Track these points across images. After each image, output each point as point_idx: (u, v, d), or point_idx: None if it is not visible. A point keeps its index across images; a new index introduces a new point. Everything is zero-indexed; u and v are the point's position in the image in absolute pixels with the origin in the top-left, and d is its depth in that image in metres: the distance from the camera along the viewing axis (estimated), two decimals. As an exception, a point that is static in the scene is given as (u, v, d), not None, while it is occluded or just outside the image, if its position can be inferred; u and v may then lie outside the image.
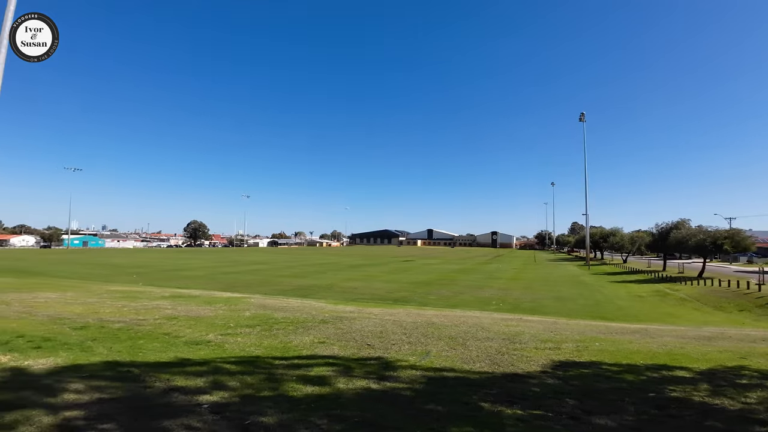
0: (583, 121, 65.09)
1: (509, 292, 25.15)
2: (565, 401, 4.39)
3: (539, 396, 4.56)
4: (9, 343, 6.49)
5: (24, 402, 3.90)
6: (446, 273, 38.36)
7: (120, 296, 14.46)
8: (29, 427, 3.32)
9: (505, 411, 4.01)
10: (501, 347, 7.08)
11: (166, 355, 6.22)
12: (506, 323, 10.21)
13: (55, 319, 9.09)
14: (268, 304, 13.31)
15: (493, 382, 5.06)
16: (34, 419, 3.49)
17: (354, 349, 6.72)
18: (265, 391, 4.47)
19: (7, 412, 3.63)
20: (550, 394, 4.64)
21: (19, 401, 3.92)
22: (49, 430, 3.30)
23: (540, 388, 4.86)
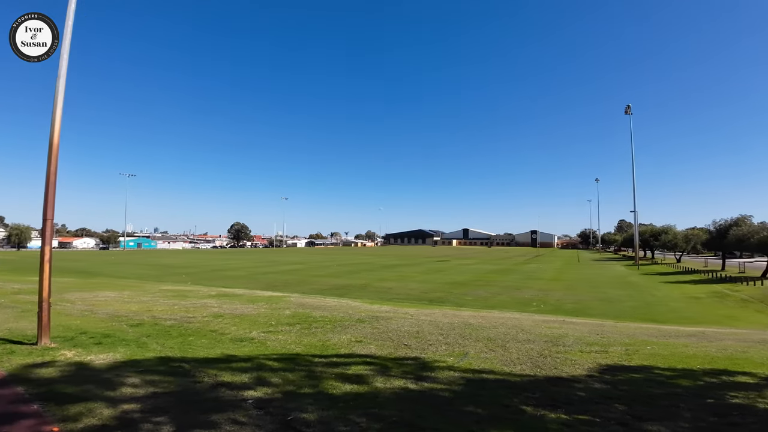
0: (629, 114, 61.62)
1: (550, 293, 24.26)
2: (614, 406, 4.18)
3: (585, 400, 4.37)
4: (74, 339, 7.08)
5: (87, 395, 4.23)
6: (483, 273, 37.59)
7: (171, 295, 15.35)
8: (92, 419, 3.60)
9: (549, 415, 3.88)
10: (543, 350, 6.85)
11: (213, 351, 6.54)
12: (548, 325, 9.87)
13: (114, 317, 9.79)
14: (307, 303, 13.64)
15: (535, 385, 4.91)
16: (96, 412, 3.78)
17: (391, 349, 6.75)
18: (306, 388, 4.59)
19: (72, 404, 3.95)
20: (597, 398, 4.44)
21: (83, 394, 4.26)
22: (110, 422, 3.56)
23: (586, 393, 4.66)
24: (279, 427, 3.50)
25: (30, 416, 3.66)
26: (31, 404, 3.96)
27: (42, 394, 4.23)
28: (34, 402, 4.02)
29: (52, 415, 3.69)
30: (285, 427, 3.50)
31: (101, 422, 3.54)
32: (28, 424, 3.49)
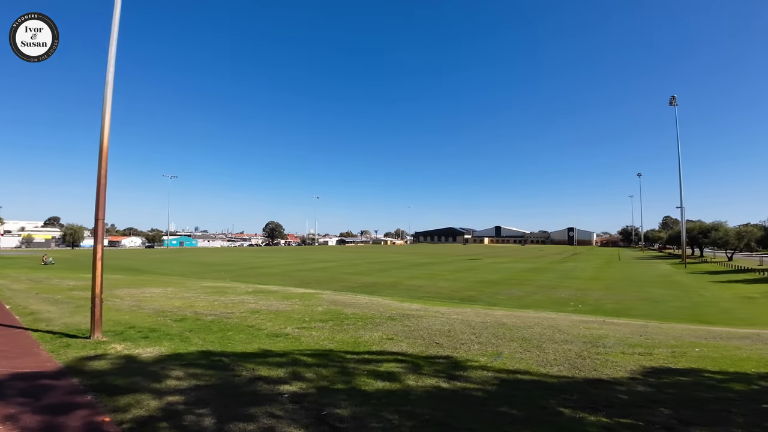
0: (674, 105, 58.02)
1: (589, 292, 23.33)
2: (659, 410, 3.98)
3: (627, 404, 4.18)
4: (123, 334, 7.53)
5: (135, 387, 4.49)
6: (516, 272, 36.69)
7: (211, 291, 16.02)
8: (139, 411, 3.81)
9: (588, 418, 3.75)
10: (581, 351, 6.62)
11: (250, 346, 6.77)
12: (586, 326, 9.51)
13: (159, 312, 10.34)
14: (338, 300, 13.84)
15: (573, 387, 4.75)
16: (143, 403, 4.01)
17: (422, 347, 6.74)
18: (339, 384, 4.66)
19: (122, 396, 4.20)
20: (640, 402, 4.24)
21: (132, 386, 4.53)
22: (156, 413, 3.77)
23: (628, 396, 4.46)
24: (313, 422, 3.58)
25: (84, 407, 3.93)
26: (85, 395, 4.25)
27: (95, 386, 4.53)
28: (87, 393, 4.31)
29: (104, 405, 3.95)
30: (319, 422, 3.57)
31: (148, 413, 3.75)
32: (83, 414, 3.75)
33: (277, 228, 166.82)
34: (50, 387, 4.53)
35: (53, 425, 3.48)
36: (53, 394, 4.28)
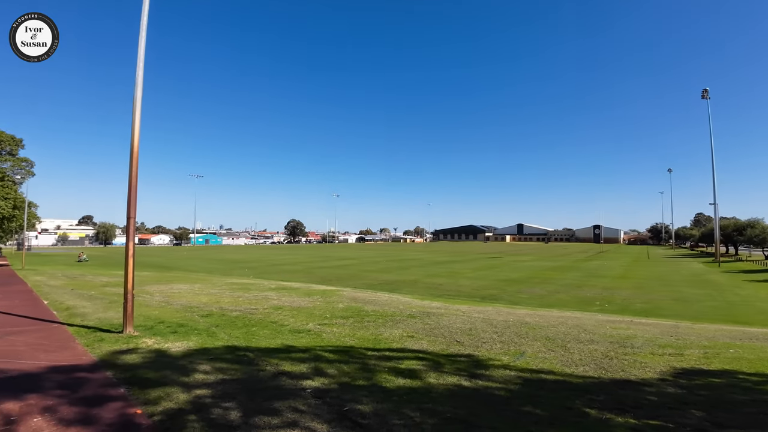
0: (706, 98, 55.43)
1: (616, 291, 22.65)
2: (690, 412, 3.84)
3: (657, 405, 4.06)
4: (153, 328, 7.82)
5: (165, 380, 4.66)
6: (539, 270, 35.97)
7: (236, 288, 16.41)
8: (169, 403, 3.96)
9: (616, 419, 3.65)
10: (608, 351, 6.44)
11: (274, 341, 6.91)
12: (613, 326, 9.24)
13: (187, 308, 10.67)
14: (359, 297, 13.93)
15: (599, 387, 4.63)
16: (173, 396, 4.15)
17: (443, 345, 6.71)
18: (360, 380, 4.70)
19: (153, 389, 4.37)
20: (670, 403, 4.10)
21: (162, 379, 4.70)
22: (185, 406, 3.90)
23: (658, 397, 4.32)
24: (336, 417, 3.63)
25: (117, 399, 4.11)
26: (118, 388, 4.44)
27: (127, 379, 4.73)
28: (120, 386, 4.50)
29: (136, 398, 4.11)
30: (342, 418, 3.62)
31: (177, 406, 3.88)
32: (116, 406, 3.92)
33: (299, 226, 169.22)
34: (85, 380, 4.76)
35: (89, 417, 3.65)
36: (88, 387, 4.49)
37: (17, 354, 5.93)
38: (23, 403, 3.92)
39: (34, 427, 3.41)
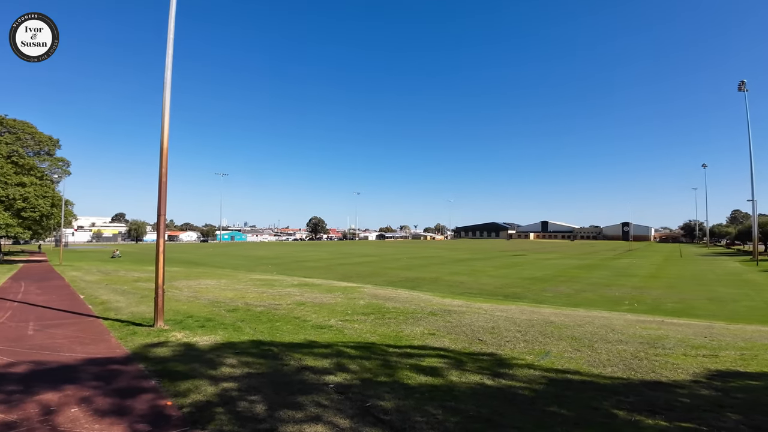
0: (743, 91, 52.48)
1: (646, 291, 21.87)
2: (726, 415, 3.68)
3: (690, 407, 3.90)
4: (182, 323, 8.08)
5: (194, 373, 4.81)
6: (565, 269, 35.11)
7: (260, 284, 16.76)
8: (198, 396, 4.08)
9: (646, 421, 3.54)
10: (638, 351, 6.23)
11: (297, 336, 7.02)
12: (643, 326, 8.93)
13: (214, 303, 10.98)
14: (380, 294, 13.97)
15: (628, 388, 4.49)
16: (201, 389, 4.28)
17: (465, 343, 6.65)
18: (382, 377, 4.72)
19: (182, 381, 4.52)
20: (704, 406, 3.93)
21: (191, 372, 4.85)
22: (213, 398, 4.01)
23: (691, 399, 4.15)
24: (358, 413, 3.66)
25: (149, 391, 4.27)
26: (150, 380, 4.61)
27: (158, 372, 4.91)
28: (152, 378, 4.68)
29: (166, 390, 4.26)
30: (364, 413, 3.65)
31: (206, 399, 4.01)
32: (148, 398, 4.07)
33: (320, 223, 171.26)
34: (119, 372, 4.96)
35: (122, 408, 3.81)
36: (122, 379, 4.69)
37: (56, 346, 6.25)
38: (61, 394, 4.12)
39: (72, 417, 3.58)
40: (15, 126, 34.44)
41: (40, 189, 32.14)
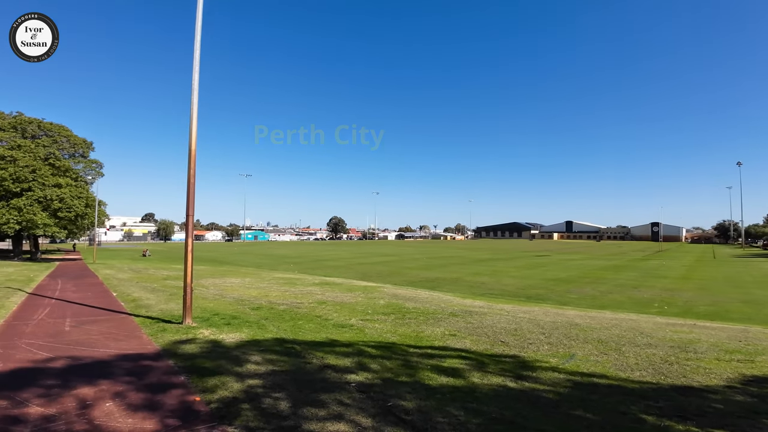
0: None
1: (677, 293, 21.06)
2: (762, 422, 3.54)
3: (723, 414, 3.76)
4: (209, 320, 8.32)
5: (221, 370, 4.96)
6: (591, 270, 34.18)
7: (282, 282, 17.07)
8: (224, 392, 4.20)
9: (676, 426, 3.43)
10: (668, 355, 6.03)
11: (319, 335, 7.13)
12: (674, 329, 8.62)
13: (239, 301, 11.26)
14: (399, 294, 13.98)
15: (658, 393, 4.36)
16: (227, 385, 4.41)
17: (486, 345, 6.59)
18: (403, 377, 4.74)
19: (210, 377, 4.66)
20: (739, 412, 3.78)
21: (218, 369, 5.00)
22: (239, 395, 4.12)
23: (724, 405, 3.99)
24: (380, 412, 3.70)
25: (178, 386, 4.42)
26: (179, 376, 4.78)
27: (187, 368, 5.08)
28: (181, 374, 4.84)
29: (195, 386, 4.41)
30: (386, 413, 3.68)
31: (232, 395, 4.12)
32: (177, 393, 4.22)
33: (340, 223, 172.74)
34: (150, 368, 5.16)
35: (153, 403, 3.96)
36: (153, 374, 4.87)
37: (91, 342, 6.55)
38: (97, 389, 4.32)
39: (106, 411, 3.74)
40: (52, 129, 36.19)
41: (75, 190, 33.67)
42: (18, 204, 30.27)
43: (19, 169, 30.57)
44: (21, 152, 31.57)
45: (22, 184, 30.69)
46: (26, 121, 35.48)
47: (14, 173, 30.38)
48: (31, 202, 30.67)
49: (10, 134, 33.19)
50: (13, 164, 30.60)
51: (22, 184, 30.69)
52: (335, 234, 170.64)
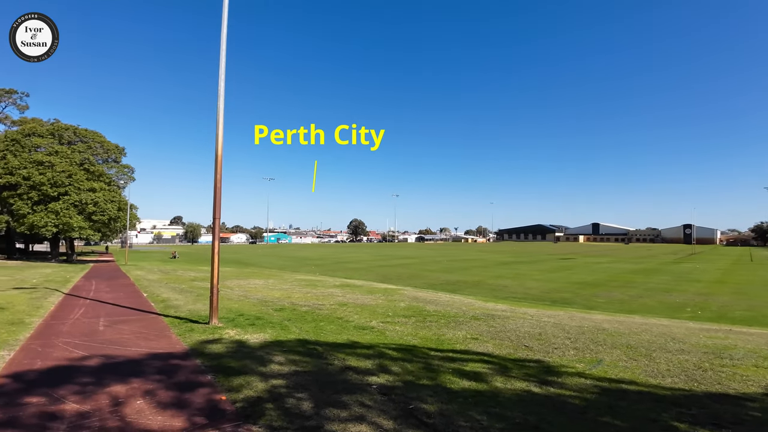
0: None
1: (712, 297, 20.14)
2: (805, 436, 3.33)
3: (761, 422, 3.58)
4: (234, 320, 8.52)
5: (245, 369, 5.06)
6: (619, 273, 33.08)
7: (304, 284, 17.29)
8: (249, 391, 4.29)
9: (710, 438, 3.28)
10: (701, 362, 5.78)
11: (340, 336, 7.18)
12: (708, 334, 8.25)
13: (263, 302, 11.48)
14: (420, 296, 13.92)
15: (691, 400, 4.19)
16: (252, 384, 4.50)
17: (509, 349, 6.48)
18: (424, 380, 4.72)
19: (235, 377, 4.77)
20: (779, 422, 3.59)
21: (243, 368, 5.11)
22: (263, 394, 4.20)
23: (762, 413, 3.80)
24: (401, 414, 3.70)
25: (205, 385, 4.54)
26: (206, 375, 4.91)
27: (213, 367, 5.21)
28: (208, 373, 4.97)
29: (221, 385, 4.51)
30: (407, 415, 3.67)
31: (256, 394, 4.21)
32: (204, 392, 4.34)
33: (360, 225, 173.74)
34: (179, 367, 5.32)
35: (182, 401, 4.08)
36: (181, 373, 5.02)
37: (123, 341, 6.81)
38: (128, 387, 4.48)
39: (137, 409, 3.88)
40: (86, 135, 37.94)
41: (109, 194, 35.17)
42: (55, 208, 31.86)
43: (56, 174, 32.19)
44: (58, 158, 33.23)
45: (59, 188, 32.30)
46: (63, 127, 37.32)
47: (52, 178, 32.01)
48: (67, 206, 32.23)
49: (48, 141, 34.98)
50: (51, 169, 32.24)
51: (59, 188, 32.30)
52: (355, 236, 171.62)
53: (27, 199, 31.76)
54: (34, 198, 31.90)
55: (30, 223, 31.56)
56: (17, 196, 31.71)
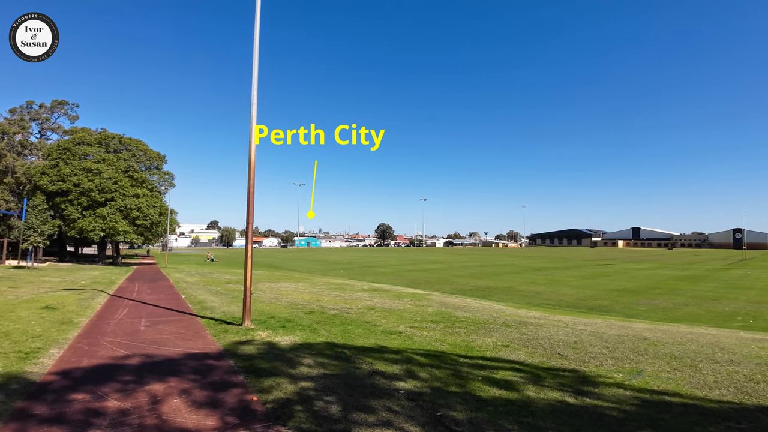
0: None
1: (765, 305, 18.70)
2: None
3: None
4: (266, 323, 8.73)
5: (276, 371, 5.17)
6: (662, 280, 31.33)
7: (333, 288, 17.49)
8: (279, 393, 4.38)
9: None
10: (753, 373, 5.37)
11: (368, 340, 7.20)
12: (761, 345, 7.65)
13: (293, 305, 11.70)
14: (448, 302, 13.74)
15: (741, 414, 3.90)
16: (282, 386, 4.58)
17: (543, 358, 6.27)
18: (453, 387, 4.65)
19: (266, 378, 4.87)
20: None
21: (273, 370, 5.22)
22: (292, 396, 4.27)
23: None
24: (429, 421, 3.65)
25: (238, 386, 4.67)
26: (239, 375, 5.05)
27: (245, 368, 5.35)
28: (240, 374, 5.11)
29: (252, 386, 4.63)
30: (435, 422, 3.62)
31: (286, 396, 4.28)
32: (237, 392, 4.46)
33: (388, 229, 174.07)
34: (213, 367, 5.50)
35: (215, 401, 4.21)
36: (215, 373, 5.19)
37: (163, 341, 7.12)
38: (166, 385, 4.67)
39: (174, 407, 4.04)
40: (130, 144, 40.20)
41: (151, 200, 37.07)
42: (102, 213, 33.92)
43: (103, 181, 34.29)
44: (105, 165, 35.40)
45: (106, 194, 34.38)
46: (109, 136, 39.72)
47: (100, 184, 34.13)
48: (113, 211, 34.25)
49: (96, 149, 37.34)
50: (99, 176, 34.38)
51: (106, 194, 34.38)
52: (383, 240, 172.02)
53: (77, 205, 33.99)
54: (83, 203, 34.10)
55: (80, 227, 33.74)
56: (68, 202, 33.99)
